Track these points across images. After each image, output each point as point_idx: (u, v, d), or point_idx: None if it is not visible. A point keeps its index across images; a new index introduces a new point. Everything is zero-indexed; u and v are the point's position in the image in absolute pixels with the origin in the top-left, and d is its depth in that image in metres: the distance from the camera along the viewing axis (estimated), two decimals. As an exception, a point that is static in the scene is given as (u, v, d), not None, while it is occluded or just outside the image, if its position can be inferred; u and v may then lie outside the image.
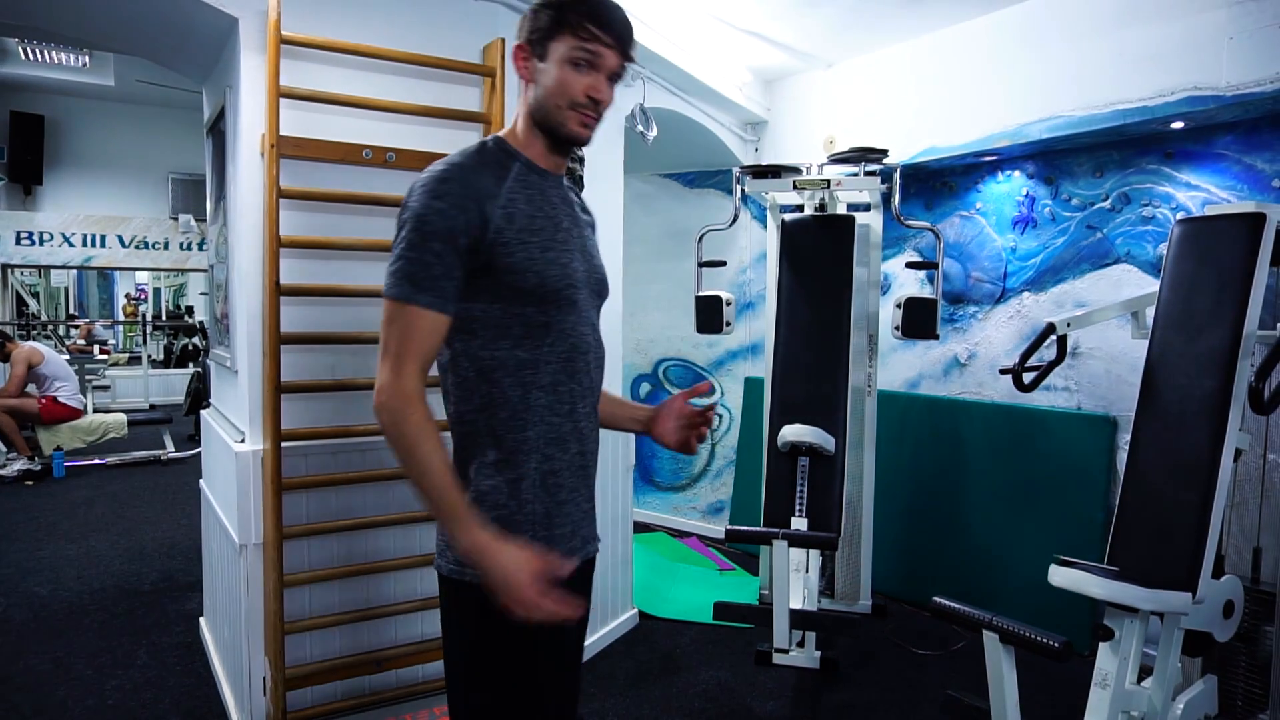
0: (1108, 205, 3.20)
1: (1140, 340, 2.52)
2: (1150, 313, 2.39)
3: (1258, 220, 2.10)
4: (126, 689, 2.70)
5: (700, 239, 3.36)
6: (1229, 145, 2.87)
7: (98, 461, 6.27)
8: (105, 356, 9.34)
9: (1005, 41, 3.22)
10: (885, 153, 3.20)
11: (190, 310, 12.12)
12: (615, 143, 3.10)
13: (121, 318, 12.66)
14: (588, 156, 2.76)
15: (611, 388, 2.07)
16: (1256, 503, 2.64)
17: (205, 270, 8.98)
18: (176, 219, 8.50)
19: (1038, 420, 3.32)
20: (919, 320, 3.01)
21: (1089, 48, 2.95)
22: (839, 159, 3.26)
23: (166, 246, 8.65)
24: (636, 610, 3.35)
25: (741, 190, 3.33)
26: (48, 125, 7.82)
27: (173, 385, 9.94)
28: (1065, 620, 2.91)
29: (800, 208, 3.38)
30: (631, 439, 3.25)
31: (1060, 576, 1.98)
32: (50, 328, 10.11)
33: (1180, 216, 2.41)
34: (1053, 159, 3.36)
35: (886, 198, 3.21)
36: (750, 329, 4.42)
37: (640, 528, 4.31)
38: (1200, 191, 2.94)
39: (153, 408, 8.91)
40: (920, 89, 3.54)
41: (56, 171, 8.02)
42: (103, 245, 8.31)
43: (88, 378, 7.76)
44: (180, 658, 2.93)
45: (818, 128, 3.97)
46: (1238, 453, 2.08)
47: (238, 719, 2.35)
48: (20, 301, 9.50)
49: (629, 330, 4.69)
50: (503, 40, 2.34)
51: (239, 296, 2.26)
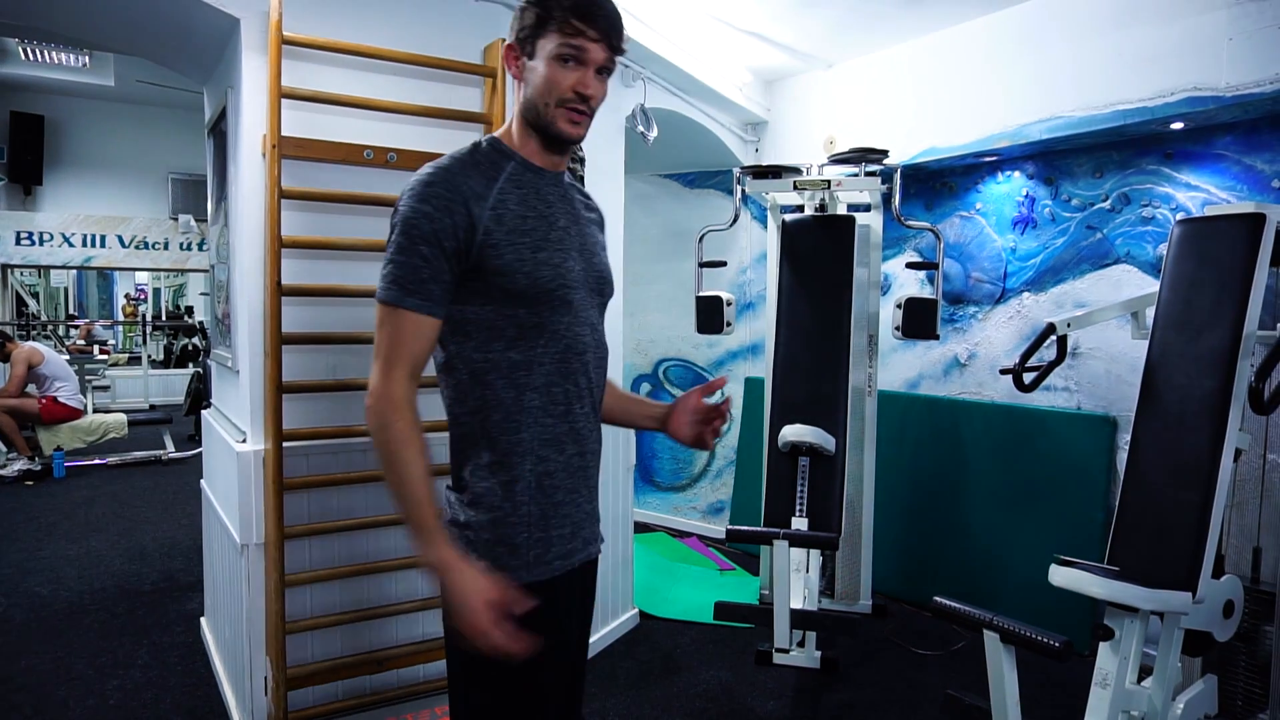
0: (1108, 206, 3.20)
1: (1140, 340, 2.53)
2: (1150, 313, 2.40)
3: (1258, 221, 2.10)
4: (127, 689, 2.71)
5: (701, 239, 3.36)
6: (1229, 146, 2.88)
7: (98, 462, 6.27)
8: (105, 357, 9.34)
9: (1005, 42, 3.23)
10: (885, 153, 3.20)
11: (190, 310, 12.12)
12: (616, 143, 3.11)
13: (121, 318, 12.66)
14: (588, 157, 2.76)
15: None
16: (1256, 503, 2.65)
17: (205, 270, 9.03)
18: (176, 219, 8.51)
19: (1038, 420, 3.32)
20: (919, 320, 3.01)
21: (1089, 48, 2.95)
22: (839, 159, 3.27)
23: (166, 247, 8.65)
24: (637, 610, 3.36)
25: (742, 191, 3.33)
26: (48, 125, 7.82)
27: (172, 385, 9.95)
28: (1065, 620, 2.91)
29: (800, 208, 3.39)
30: (632, 439, 3.26)
31: (1061, 576, 1.99)
32: (50, 328, 10.11)
33: (1180, 217, 2.41)
34: (1053, 159, 3.36)
35: (887, 198, 3.21)
36: (750, 329, 4.43)
37: (640, 528, 4.31)
38: (1200, 192, 2.94)
39: (152, 408, 8.92)
40: (920, 89, 3.54)
41: (56, 171, 8.02)
42: (103, 245, 8.31)
43: (87, 378, 7.76)
44: (181, 658, 2.93)
45: (818, 128, 3.98)
46: (1238, 453, 2.09)
47: (239, 719, 2.36)
48: (20, 302, 9.50)
49: (629, 330, 4.70)
50: (503, 41, 2.33)
51: (240, 297, 2.26)
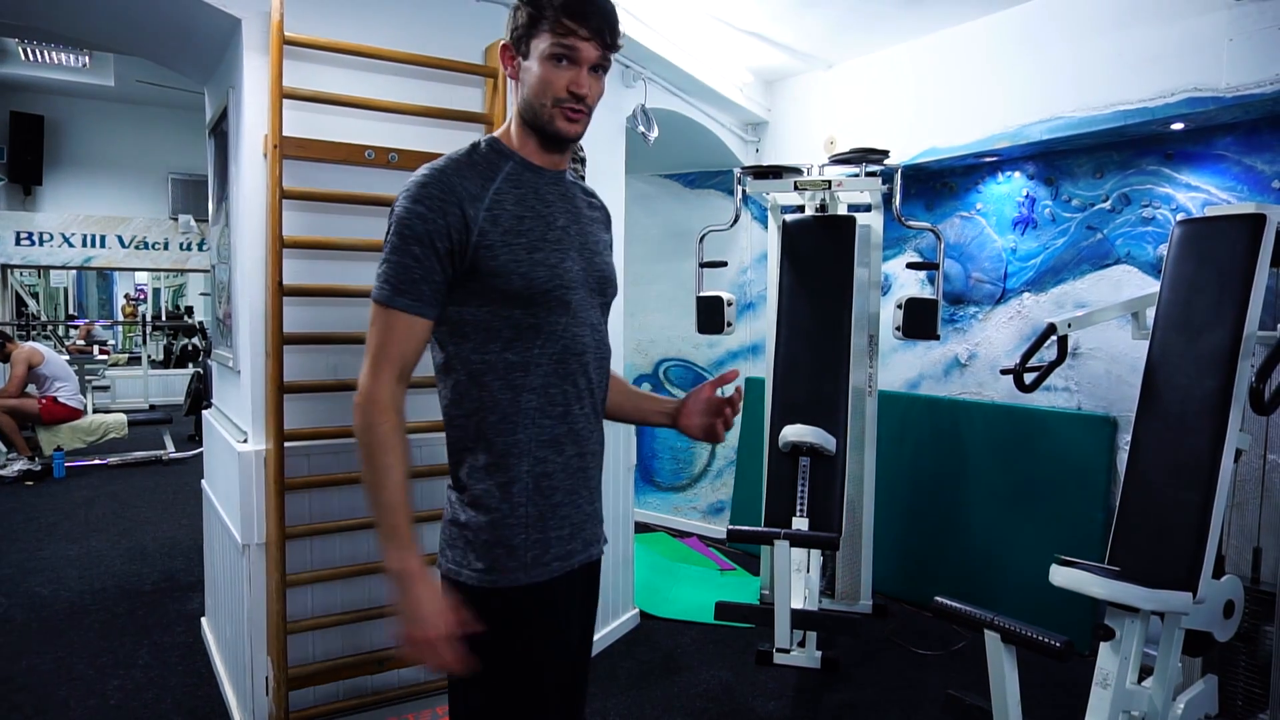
0: (1108, 206, 3.20)
1: (1140, 341, 2.53)
2: (1150, 313, 2.40)
3: (1258, 221, 2.11)
4: (128, 689, 2.71)
5: (701, 239, 3.36)
6: (1229, 146, 2.88)
7: (98, 462, 6.27)
8: (105, 357, 9.33)
9: (1005, 42, 3.23)
10: (886, 153, 3.20)
11: (190, 310, 12.12)
12: (616, 143, 3.11)
13: (121, 318, 12.66)
14: (589, 157, 2.76)
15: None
16: (1257, 503, 2.65)
17: (205, 270, 9.03)
18: (176, 219, 8.51)
19: (1038, 420, 3.32)
20: (920, 321, 3.01)
21: (1089, 49, 2.95)
22: (840, 159, 3.27)
23: (166, 247, 8.65)
24: (637, 610, 3.36)
25: (742, 191, 3.33)
26: (48, 125, 7.81)
27: (172, 385, 9.95)
28: (1065, 620, 2.91)
29: (801, 208, 3.39)
30: (633, 438, 3.26)
31: (1061, 576, 1.99)
32: (50, 328, 10.11)
33: (1181, 217, 2.41)
34: (1053, 160, 3.36)
35: (887, 198, 3.22)
36: (751, 329, 4.43)
37: (641, 528, 4.31)
38: (1200, 192, 2.95)
39: (152, 408, 8.92)
40: (920, 90, 3.55)
41: (56, 172, 8.01)
42: (102, 246, 8.31)
43: (87, 378, 7.76)
44: (182, 658, 2.93)
45: (818, 128, 3.98)
46: (1238, 453, 2.09)
47: (240, 719, 2.36)
48: (20, 302, 9.50)
49: (630, 330, 4.70)
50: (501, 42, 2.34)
51: (242, 297, 2.26)
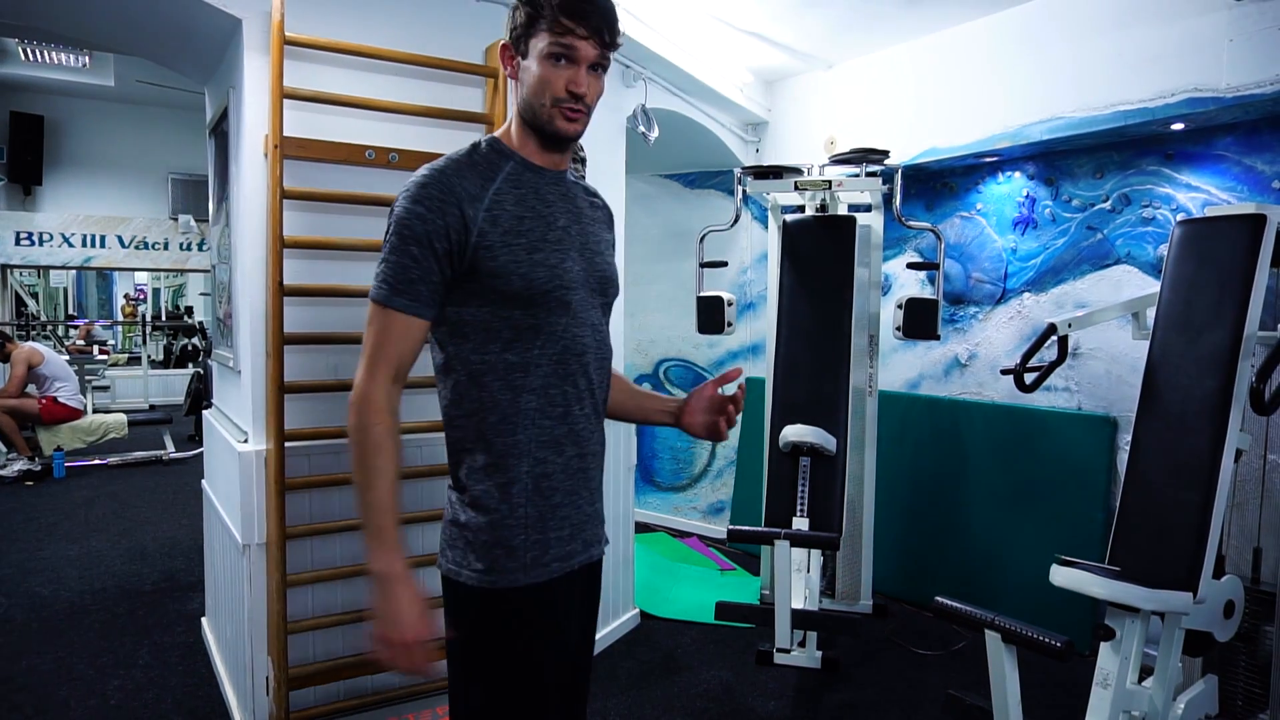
0: (1108, 206, 3.20)
1: (1141, 341, 2.53)
2: (1151, 313, 2.40)
3: (1258, 221, 2.11)
4: (129, 689, 2.71)
5: (702, 239, 3.36)
6: (1229, 147, 2.88)
7: (98, 462, 6.27)
8: (105, 357, 9.33)
9: (1006, 43, 3.23)
10: (887, 153, 3.20)
11: (190, 310, 12.11)
12: (616, 143, 3.11)
13: (120, 318, 12.66)
14: (590, 157, 2.76)
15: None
16: (1257, 503, 2.65)
17: (205, 271, 9.02)
18: (176, 219, 8.51)
19: (1038, 421, 3.32)
20: (920, 321, 3.01)
21: (1089, 49, 2.95)
22: (840, 160, 3.27)
23: (166, 247, 8.66)
24: (638, 610, 3.36)
25: (743, 191, 3.33)
26: (48, 125, 7.82)
27: (172, 386, 9.95)
28: (1065, 620, 2.91)
29: (801, 208, 3.39)
30: (633, 438, 3.26)
31: (1062, 576, 1.99)
32: (49, 328, 10.11)
33: (1181, 218, 2.41)
34: (1053, 160, 3.37)
35: (888, 198, 3.22)
36: (751, 329, 4.43)
37: (641, 528, 4.31)
38: (1200, 193, 2.95)
39: (152, 408, 8.92)
40: (921, 90, 3.55)
41: (56, 172, 8.02)
42: (102, 246, 8.31)
43: (87, 378, 7.76)
44: (182, 658, 2.93)
45: (818, 128, 3.98)
46: (1238, 453, 2.09)
47: (241, 719, 2.36)
48: (19, 302, 9.50)
49: (630, 330, 4.70)
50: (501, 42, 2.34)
51: (242, 297, 2.26)
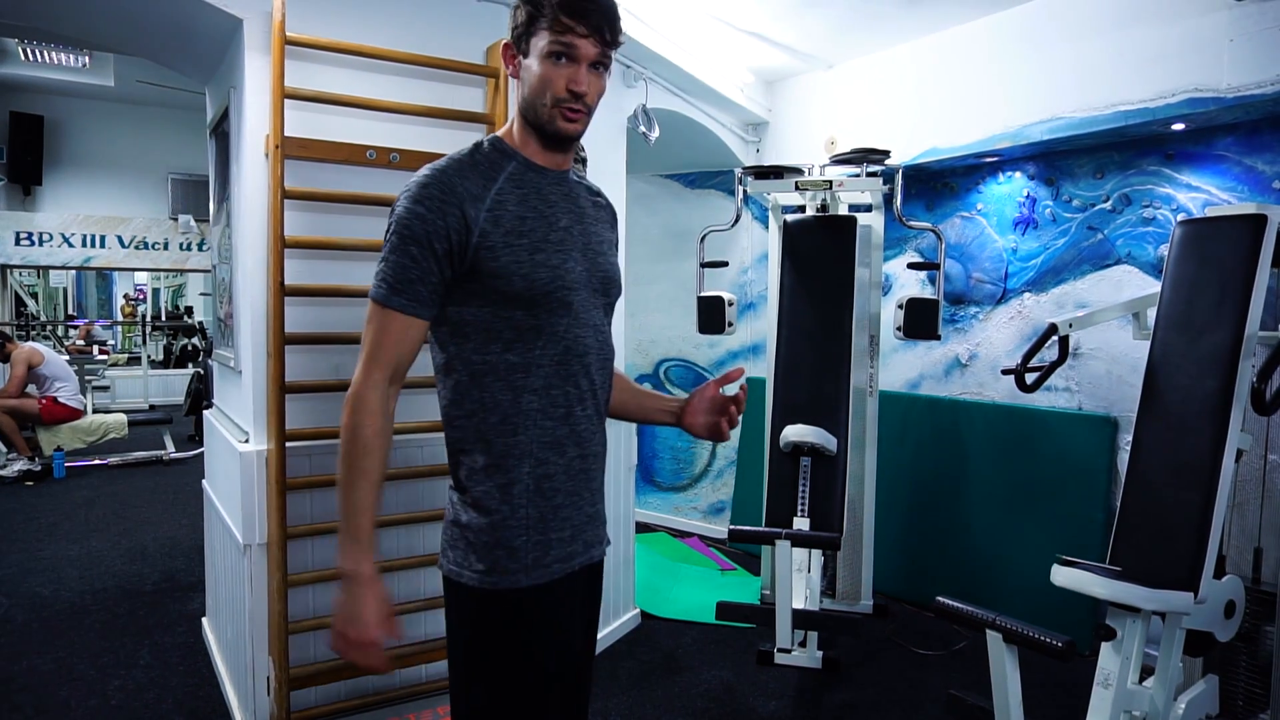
0: (1108, 206, 3.21)
1: (1141, 341, 2.53)
2: (1151, 314, 2.40)
3: (1259, 222, 2.11)
4: (129, 689, 2.71)
5: (702, 240, 3.36)
6: (1229, 147, 2.88)
7: (98, 462, 6.26)
8: (104, 357, 9.33)
9: (1006, 43, 3.23)
10: (887, 154, 3.20)
11: (190, 310, 12.11)
12: (617, 143, 3.11)
13: (120, 318, 12.65)
14: (590, 157, 2.76)
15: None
16: (1257, 503, 2.65)
17: (205, 271, 9.02)
18: (176, 219, 8.51)
19: (1039, 421, 3.32)
20: (921, 321, 3.01)
21: (1090, 49, 2.95)
22: (841, 160, 3.27)
23: (166, 247, 8.65)
24: (638, 610, 3.36)
25: (744, 191, 3.32)
26: (47, 125, 7.82)
27: (172, 386, 9.95)
28: (1066, 620, 2.91)
29: (802, 208, 3.39)
30: (634, 438, 3.26)
31: (1063, 576, 1.99)
32: (49, 328, 10.11)
33: (1182, 218, 2.41)
34: (1054, 160, 3.37)
35: (888, 198, 3.22)
36: (751, 329, 4.43)
37: (641, 528, 4.31)
38: (1201, 193, 2.95)
39: (152, 408, 8.91)
40: (921, 90, 3.55)
41: (56, 172, 8.02)
42: (102, 246, 8.31)
43: (87, 378, 7.76)
44: (183, 658, 2.93)
45: (819, 128, 3.98)
46: (1239, 453, 2.09)
47: (242, 719, 2.36)
48: (19, 302, 9.49)
49: (630, 331, 4.70)
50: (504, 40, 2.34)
51: (244, 297, 2.26)
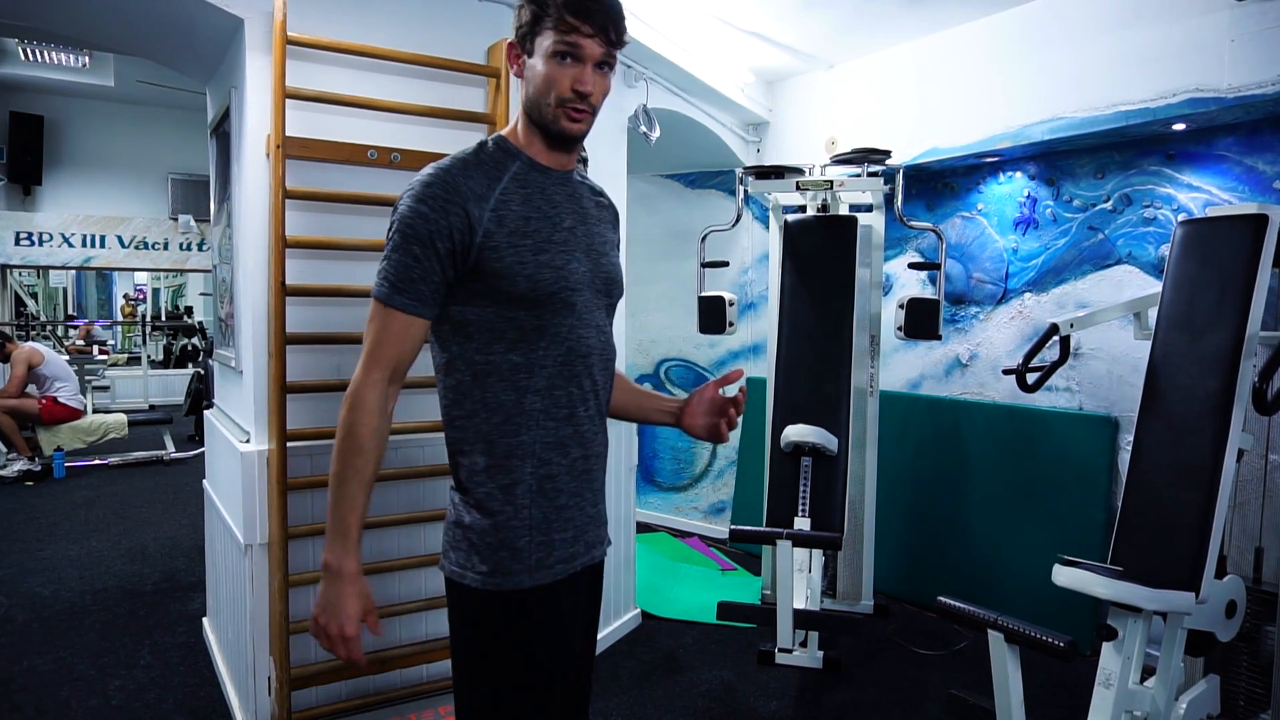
0: (1109, 206, 3.21)
1: (1142, 341, 2.53)
2: (1153, 313, 2.40)
3: (1260, 222, 2.11)
4: (130, 689, 2.70)
5: (703, 239, 3.36)
6: (1230, 147, 2.88)
7: (98, 462, 6.26)
8: (104, 357, 9.33)
9: (1007, 43, 3.23)
10: (888, 154, 3.20)
11: (189, 310, 12.10)
12: (618, 143, 3.11)
13: (120, 318, 12.65)
14: (591, 157, 2.76)
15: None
16: (1258, 503, 2.65)
17: (205, 271, 9.02)
18: (176, 219, 8.51)
19: (1039, 421, 3.32)
20: (921, 321, 3.01)
21: (1091, 49, 2.95)
22: (841, 160, 3.27)
23: (166, 247, 8.65)
24: (639, 610, 3.36)
25: (744, 191, 3.32)
26: (47, 125, 7.82)
27: (172, 386, 9.95)
28: (1066, 620, 2.91)
29: (803, 208, 3.39)
30: (635, 438, 3.26)
31: (1065, 576, 1.99)
32: (49, 328, 10.10)
33: (1183, 218, 2.42)
34: (1054, 160, 3.37)
35: (889, 198, 3.22)
36: (752, 329, 4.43)
37: (642, 528, 4.31)
38: (1202, 193, 2.95)
39: (152, 408, 8.91)
40: (922, 90, 3.55)
41: (56, 172, 8.02)
42: (102, 246, 8.31)
43: (87, 378, 7.76)
44: (183, 658, 2.93)
45: (819, 128, 3.98)
46: (1240, 453, 2.09)
47: (242, 719, 2.36)
48: (19, 302, 9.49)
49: (631, 330, 4.70)
50: (507, 40, 2.34)
51: (244, 297, 2.26)
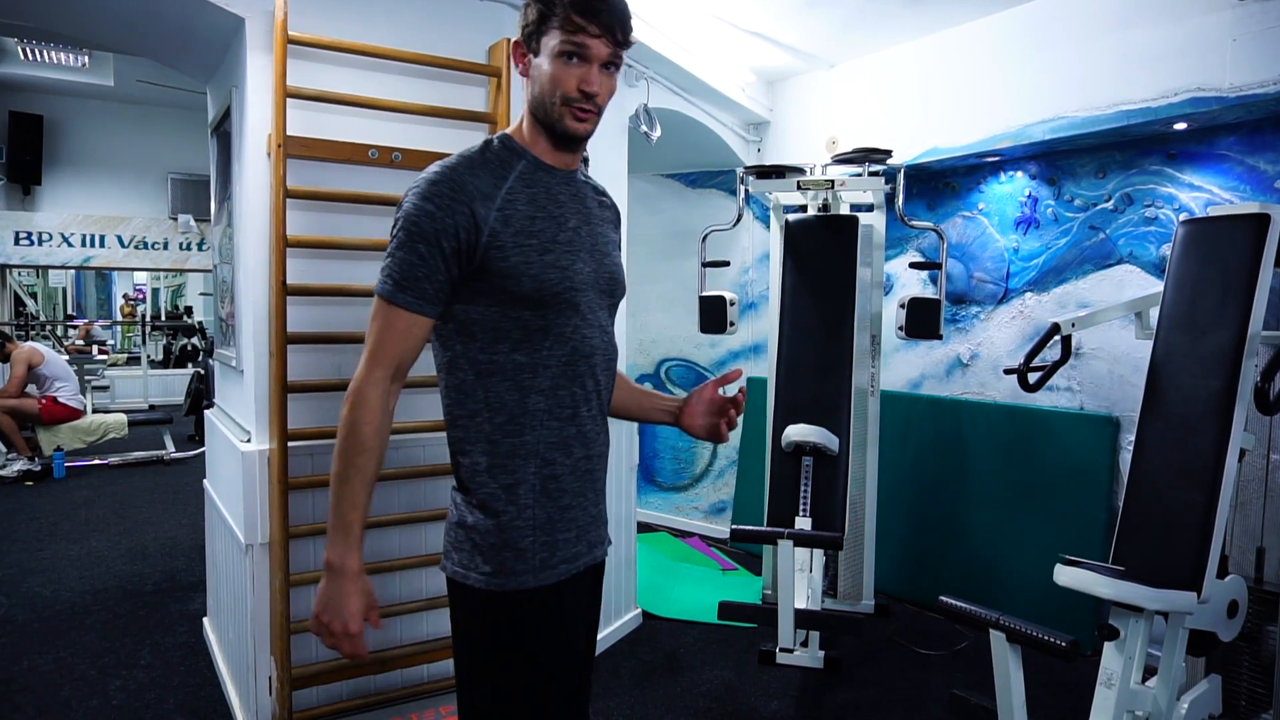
0: (1110, 206, 3.20)
1: (1143, 341, 2.53)
2: (1154, 313, 2.40)
3: (1262, 221, 2.11)
4: (130, 689, 2.70)
5: (704, 239, 3.35)
6: (1232, 146, 2.88)
7: (98, 462, 6.26)
8: (104, 357, 9.32)
9: (1008, 42, 3.23)
10: (889, 153, 3.20)
11: (189, 310, 12.10)
12: (619, 143, 3.11)
13: (119, 318, 12.64)
14: (592, 157, 2.76)
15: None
16: (1260, 503, 2.65)
17: (205, 270, 9.01)
18: (176, 219, 8.50)
19: (1040, 421, 3.32)
20: (922, 320, 3.01)
21: (1092, 48, 2.95)
22: (842, 159, 3.26)
23: (166, 246, 8.65)
24: (640, 610, 3.35)
25: (745, 190, 3.32)
26: (47, 125, 7.81)
27: (171, 385, 9.94)
28: (1067, 620, 2.92)
29: (803, 208, 3.38)
30: (636, 438, 3.26)
31: (1066, 576, 1.99)
32: (48, 328, 10.10)
33: (1185, 217, 2.41)
34: (1055, 159, 3.36)
35: (890, 198, 3.21)
36: (753, 329, 4.42)
37: (642, 527, 4.31)
38: (1203, 192, 2.95)
39: (152, 408, 8.91)
40: (923, 89, 3.54)
41: (55, 171, 8.01)
42: (102, 245, 8.30)
43: (87, 378, 7.75)
44: (184, 658, 2.93)
45: (820, 128, 3.98)
46: (1242, 453, 2.09)
47: (243, 719, 2.35)
48: (18, 302, 9.49)
49: (631, 330, 4.70)
50: (508, 40, 2.34)
51: (245, 297, 2.26)
